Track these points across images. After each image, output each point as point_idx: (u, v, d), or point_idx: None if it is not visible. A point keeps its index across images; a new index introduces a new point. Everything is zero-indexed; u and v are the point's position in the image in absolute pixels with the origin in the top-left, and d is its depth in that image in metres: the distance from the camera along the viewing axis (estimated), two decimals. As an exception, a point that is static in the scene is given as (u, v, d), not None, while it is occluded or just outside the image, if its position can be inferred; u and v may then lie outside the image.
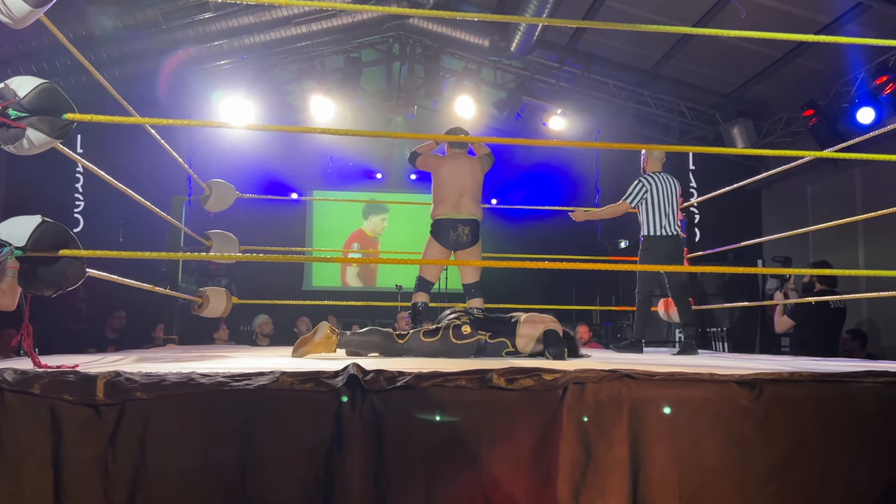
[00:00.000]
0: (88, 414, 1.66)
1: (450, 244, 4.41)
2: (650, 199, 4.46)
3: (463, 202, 4.41)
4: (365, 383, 1.73)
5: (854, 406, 1.90)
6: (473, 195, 4.46)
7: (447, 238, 4.39)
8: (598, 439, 1.78)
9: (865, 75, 6.64)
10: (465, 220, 4.39)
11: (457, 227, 4.38)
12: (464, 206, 4.40)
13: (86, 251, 2.06)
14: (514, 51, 7.89)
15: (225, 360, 2.67)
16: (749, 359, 3.70)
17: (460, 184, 4.43)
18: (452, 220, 4.39)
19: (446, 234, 4.39)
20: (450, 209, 4.41)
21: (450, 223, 4.39)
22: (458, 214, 4.39)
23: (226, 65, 8.01)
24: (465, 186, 4.43)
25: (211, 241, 4.97)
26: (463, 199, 4.41)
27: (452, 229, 4.38)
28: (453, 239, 4.38)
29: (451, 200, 4.41)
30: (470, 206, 4.42)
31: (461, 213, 4.39)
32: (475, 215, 4.43)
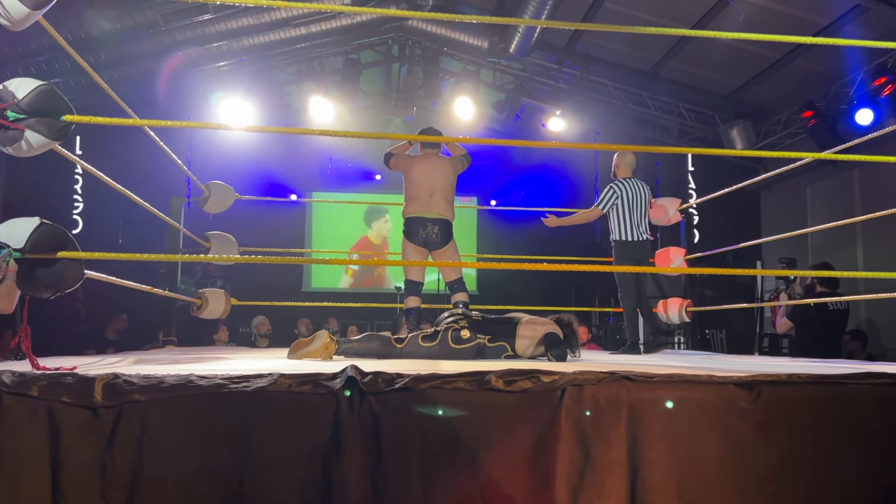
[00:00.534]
0: (86, 416, 1.66)
1: (419, 242, 4.38)
2: (620, 205, 4.67)
3: (433, 202, 4.37)
4: (363, 385, 1.73)
5: (852, 408, 1.90)
6: (444, 195, 4.42)
7: (417, 236, 4.37)
8: (597, 441, 1.78)
9: (864, 77, 6.65)
10: (435, 219, 4.36)
11: (426, 226, 4.35)
12: (434, 206, 4.37)
13: (84, 253, 2.06)
14: (513, 52, 7.90)
15: (223, 362, 2.67)
16: (746, 360, 3.70)
17: (430, 183, 4.40)
18: (422, 218, 4.36)
19: (416, 233, 4.37)
20: (419, 208, 4.38)
21: (419, 221, 4.36)
22: (428, 213, 4.36)
23: (225, 66, 8.01)
24: (436, 186, 4.40)
25: (210, 243, 4.97)
26: (433, 198, 4.38)
27: (422, 227, 4.35)
28: (422, 237, 4.35)
29: (421, 199, 4.38)
30: (440, 206, 4.38)
31: (431, 213, 4.36)
32: (445, 215, 4.39)
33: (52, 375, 1.71)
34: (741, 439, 1.82)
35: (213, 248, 4.95)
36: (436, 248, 4.39)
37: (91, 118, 2.13)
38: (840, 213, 7.34)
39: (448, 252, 4.42)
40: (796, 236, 7.45)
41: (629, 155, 5.02)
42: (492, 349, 3.17)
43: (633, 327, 4.76)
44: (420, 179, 4.41)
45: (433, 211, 4.36)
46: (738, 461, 1.80)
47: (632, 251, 4.68)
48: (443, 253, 4.40)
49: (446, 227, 4.38)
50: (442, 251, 4.40)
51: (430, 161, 4.48)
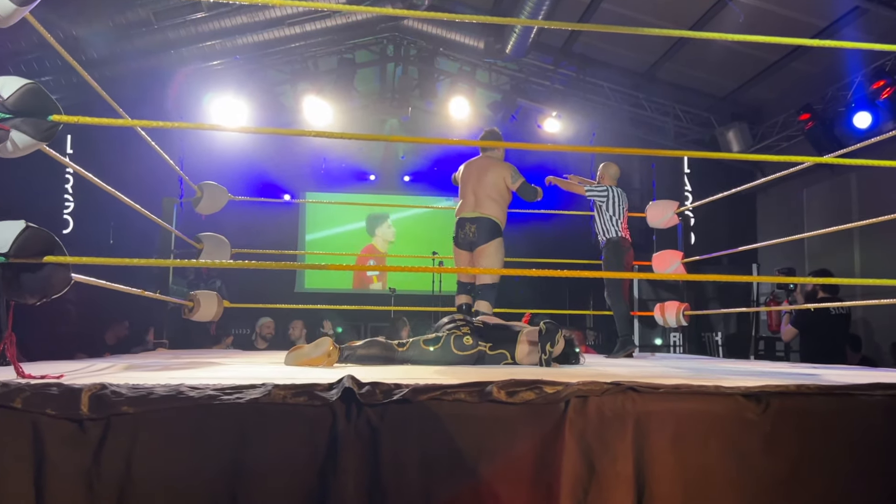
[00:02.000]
0: (72, 429, 1.59)
1: (460, 243, 4.35)
2: (610, 205, 4.87)
3: (473, 202, 4.31)
4: (360, 397, 1.67)
5: (863, 419, 1.85)
6: (488, 193, 4.30)
7: (457, 237, 4.36)
8: (602, 454, 1.72)
9: (862, 79, 6.62)
10: (474, 217, 4.27)
11: (465, 226, 4.29)
12: (473, 205, 4.30)
13: (72, 258, 1.99)
14: (509, 53, 7.85)
15: (215, 369, 2.60)
16: (747, 366, 3.65)
17: (474, 182, 4.35)
18: (462, 219, 4.34)
19: (457, 234, 4.37)
20: (463, 208, 4.36)
21: (460, 222, 4.35)
22: (468, 213, 4.31)
23: (218, 65, 7.93)
24: (480, 184, 4.32)
25: (202, 244, 4.89)
26: (476, 197, 4.32)
27: (461, 228, 4.32)
28: (462, 237, 4.31)
29: (466, 200, 4.36)
30: (482, 204, 4.28)
31: (471, 212, 4.30)
32: (486, 213, 4.26)
33: (36, 386, 1.64)
34: (749, 452, 1.77)
35: (206, 249, 4.87)
36: (474, 247, 4.27)
37: (79, 118, 2.06)
38: (837, 216, 7.31)
39: (487, 250, 4.25)
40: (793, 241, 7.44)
41: (613, 166, 5.15)
42: (492, 357, 3.13)
43: (625, 324, 4.81)
44: (466, 179, 4.41)
45: (472, 210, 4.30)
46: (746, 475, 1.75)
47: (620, 249, 4.86)
48: (482, 251, 4.24)
49: (484, 224, 4.24)
50: (481, 249, 4.24)
51: (478, 162, 4.47)
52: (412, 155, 11.63)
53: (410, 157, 11.72)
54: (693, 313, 5.39)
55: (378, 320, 9.10)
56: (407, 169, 11.94)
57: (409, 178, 11.98)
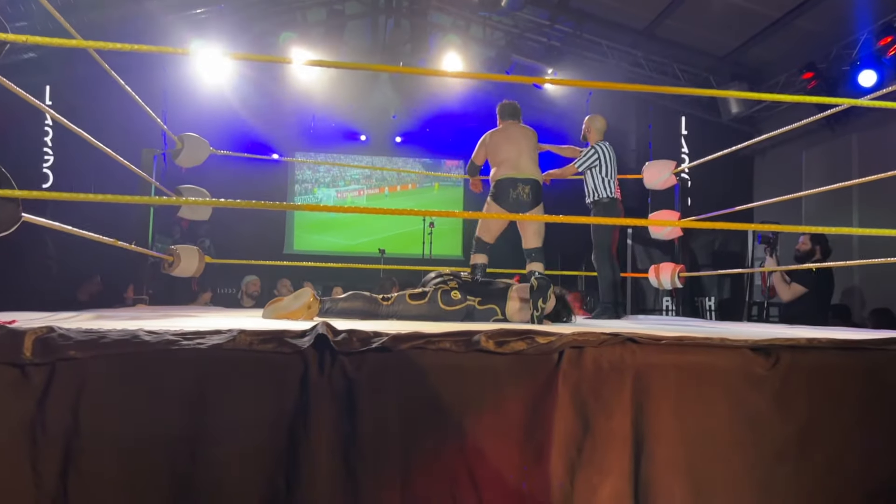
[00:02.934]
0: (14, 374, 1.44)
1: (509, 205, 4.20)
2: (600, 167, 4.75)
3: (522, 162, 4.22)
4: (335, 344, 1.52)
5: (879, 375, 1.72)
6: (532, 157, 4.29)
7: (506, 198, 4.19)
8: (598, 410, 1.59)
9: (869, 36, 6.41)
10: (526, 178, 4.19)
11: (517, 186, 4.17)
12: (523, 167, 4.21)
13: (21, 192, 1.81)
14: (504, 6, 7.58)
15: (185, 320, 2.44)
16: (744, 327, 3.53)
17: (518, 146, 4.27)
18: (512, 178, 4.19)
19: (506, 195, 4.19)
20: (509, 169, 4.22)
21: (509, 182, 4.19)
22: (519, 174, 4.19)
23: (202, 13, 7.64)
24: (523, 148, 4.26)
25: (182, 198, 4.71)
26: (521, 159, 4.23)
27: (512, 188, 4.18)
28: (513, 198, 4.17)
29: (510, 161, 4.24)
30: (530, 167, 4.23)
31: (522, 173, 4.19)
32: (536, 176, 4.24)
33: (-25, 329, 1.48)
34: (757, 410, 1.64)
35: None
36: (525, 209, 4.20)
37: (28, 37, 1.86)
38: (836, 178, 7.15)
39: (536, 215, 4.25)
40: (790, 202, 7.30)
41: (599, 119, 4.97)
42: (481, 312, 3.00)
43: (608, 288, 4.67)
44: (507, 144, 4.28)
45: (524, 171, 4.19)
46: (752, 435, 1.63)
47: (611, 209, 4.73)
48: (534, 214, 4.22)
49: (536, 187, 4.21)
50: (530, 213, 4.18)
51: (513, 128, 4.39)
52: (404, 115, 11.37)
53: (402, 117, 11.46)
54: (688, 275, 5.28)
55: (367, 281, 8.95)
56: (398, 129, 11.69)
57: (400, 139, 11.74)
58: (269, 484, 1.48)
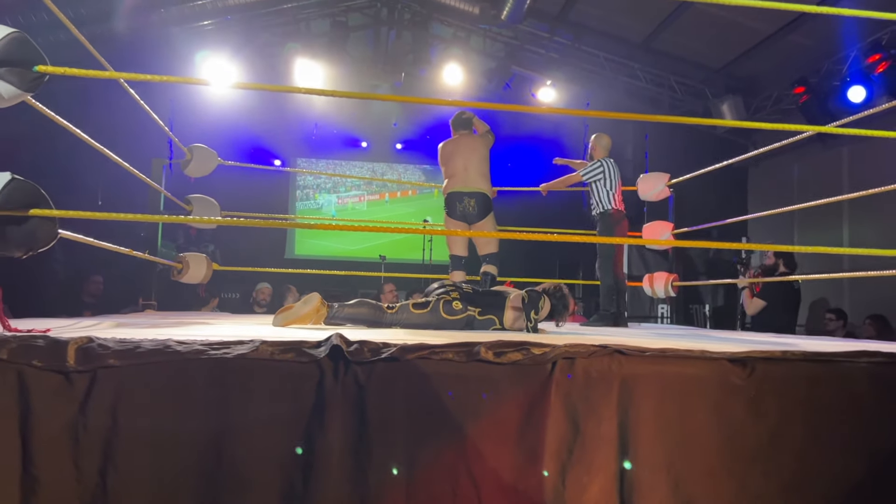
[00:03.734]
0: (58, 381, 1.59)
1: (458, 216, 4.57)
2: (605, 180, 4.91)
3: (469, 176, 4.57)
4: (348, 354, 1.67)
5: (845, 385, 1.87)
6: (479, 170, 4.62)
7: (454, 211, 4.56)
8: (587, 415, 1.74)
9: (858, 53, 6.58)
10: (472, 192, 4.55)
11: (462, 199, 4.55)
12: (470, 180, 4.57)
13: (58, 211, 1.97)
14: (504, 19, 7.75)
15: (203, 328, 2.60)
16: (735, 336, 3.69)
17: (464, 159, 4.61)
18: (459, 192, 4.56)
19: (453, 208, 4.56)
20: (457, 183, 4.58)
21: (456, 196, 4.56)
22: (465, 187, 4.56)
23: (209, 25, 7.80)
24: (469, 161, 4.60)
25: (191, 206, 4.87)
26: (468, 173, 4.58)
27: (459, 202, 4.55)
28: (460, 211, 4.54)
29: (457, 176, 4.59)
30: (476, 180, 4.58)
31: (468, 187, 4.56)
32: (481, 188, 4.59)
33: (22, 338, 1.63)
34: (733, 416, 1.78)
35: (195, 211, 4.85)
36: (474, 220, 4.57)
37: (65, 69, 2.02)
38: (828, 190, 7.32)
39: (486, 225, 4.60)
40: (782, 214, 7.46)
41: (605, 137, 5.19)
42: (481, 322, 3.15)
43: (608, 296, 4.85)
44: (455, 157, 4.63)
45: (469, 185, 4.56)
46: (729, 438, 1.77)
47: (615, 221, 4.90)
48: (482, 226, 4.59)
49: (482, 199, 4.57)
50: (480, 224, 4.58)
51: (462, 140, 4.73)
52: (404, 123, 11.54)
53: (403, 124, 11.63)
54: (682, 284, 5.43)
55: (368, 287, 9.10)
56: (399, 136, 11.86)
57: (401, 146, 11.91)
58: (287, 481, 1.63)
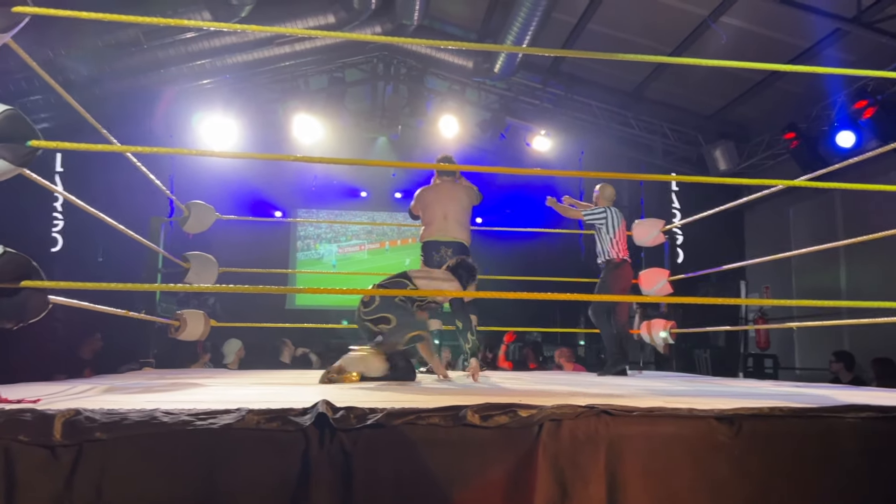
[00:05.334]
0: (44, 455, 1.59)
1: (434, 265, 4.39)
2: (607, 228, 4.92)
3: (447, 225, 4.48)
4: (334, 422, 1.68)
5: (834, 442, 1.86)
6: (458, 219, 4.53)
7: (431, 259, 4.43)
8: (575, 478, 1.73)
9: (845, 99, 6.70)
10: (449, 241, 4.45)
11: (440, 249, 4.43)
12: (448, 230, 4.48)
13: (49, 283, 2.00)
14: (497, 72, 7.93)
15: (195, 391, 2.60)
16: (732, 385, 3.67)
17: (443, 208, 4.52)
18: (436, 241, 4.46)
19: (430, 257, 4.44)
20: (434, 232, 4.49)
21: (433, 245, 4.46)
22: (442, 237, 4.47)
23: (209, 84, 7.97)
24: (449, 210, 4.51)
25: (189, 263, 4.90)
26: (447, 221, 4.48)
27: (435, 251, 4.44)
28: (437, 260, 4.39)
29: (435, 224, 4.49)
30: (454, 229, 4.49)
31: (445, 236, 4.46)
32: (459, 238, 4.48)
33: (10, 412, 1.64)
34: (720, 476, 1.78)
35: (193, 269, 4.88)
36: None
37: (58, 143, 2.08)
38: (823, 233, 7.37)
39: None
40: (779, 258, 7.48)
41: (609, 188, 5.22)
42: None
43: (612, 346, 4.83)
44: (434, 205, 4.55)
45: (447, 234, 4.48)
46: (715, 498, 1.76)
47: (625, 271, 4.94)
48: None
49: (460, 248, 4.47)
50: None
51: (443, 187, 4.64)
52: (403, 172, 11.68)
53: (401, 174, 11.77)
54: (680, 331, 5.41)
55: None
56: (398, 186, 11.99)
57: (399, 194, 12.03)
58: (274, 550, 1.62)
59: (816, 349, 7.45)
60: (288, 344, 6.90)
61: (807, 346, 8.16)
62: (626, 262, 4.95)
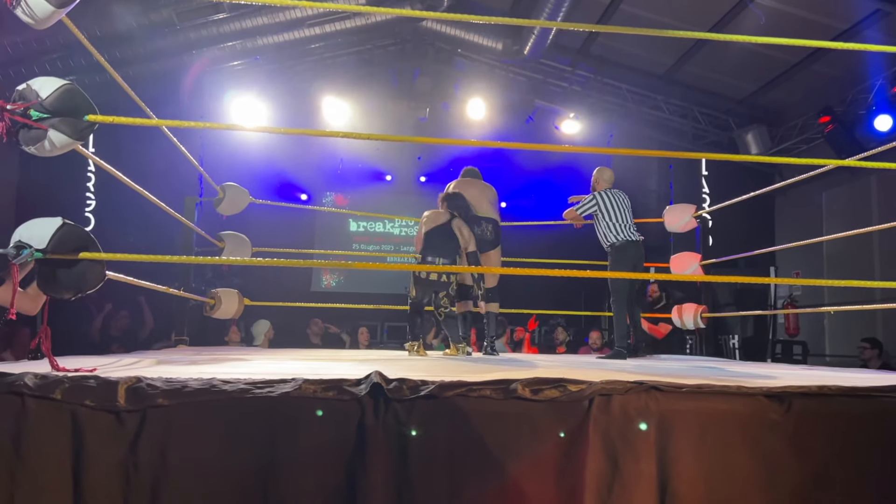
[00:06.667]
0: (110, 420, 1.64)
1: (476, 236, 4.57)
2: (603, 213, 4.71)
3: (483, 205, 4.68)
4: (388, 392, 1.71)
5: (885, 421, 1.86)
6: (492, 203, 4.76)
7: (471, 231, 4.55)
8: (625, 453, 1.74)
9: (884, 82, 6.58)
10: (489, 217, 4.64)
11: (480, 223, 4.59)
12: (485, 208, 4.68)
13: (106, 254, 2.04)
14: (526, 54, 7.87)
15: (242, 364, 2.65)
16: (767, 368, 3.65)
17: (480, 192, 4.75)
18: (476, 216, 4.62)
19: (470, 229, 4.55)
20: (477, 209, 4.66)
21: (473, 219, 4.60)
22: (481, 212, 4.64)
23: (239, 65, 8.01)
24: (486, 195, 4.76)
25: (223, 243, 4.96)
26: (483, 202, 4.69)
27: (476, 225, 4.57)
28: (478, 233, 4.55)
29: (474, 202, 4.66)
30: (491, 209, 4.70)
31: (485, 212, 4.65)
32: (496, 217, 4.71)
33: (74, 378, 1.69)
34: (773, 453, 1.78)
35: (227, 248, 4.94)
36: (487, 248, 4.61)
37: (114, 118, 2.11)
38: (857, 219, 7.26)
39: (495, 256, 4.67)
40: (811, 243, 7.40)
41: (607, 171, 5.04)
42: None
43: (623, 333, 4.65)
44: (474, 191, 4.74)
45: (485, 211, 4.66)
46: (769, 475, 1.77)
47: (629, 252, 4.63)
48: (491, 256, 4.63)
49: (497, 227, 4.67)
50: (491, 254, 4.63)
51: (478, 181, 4.91)
52: (429, 156, 11.66)
53: (427, 157, 11.75)
54: (710, 315, 5.38)
55: (394, 320, 9.13)
56: (423, 170, 11.97)
57: (424, 178, 12.01)
58: (330, 516, 1.66)
59: (847, 336, 7.37)
60: (319, 324, 6.96)
61: (838, 333, 8.07)
62: (630, 242, 4.64)
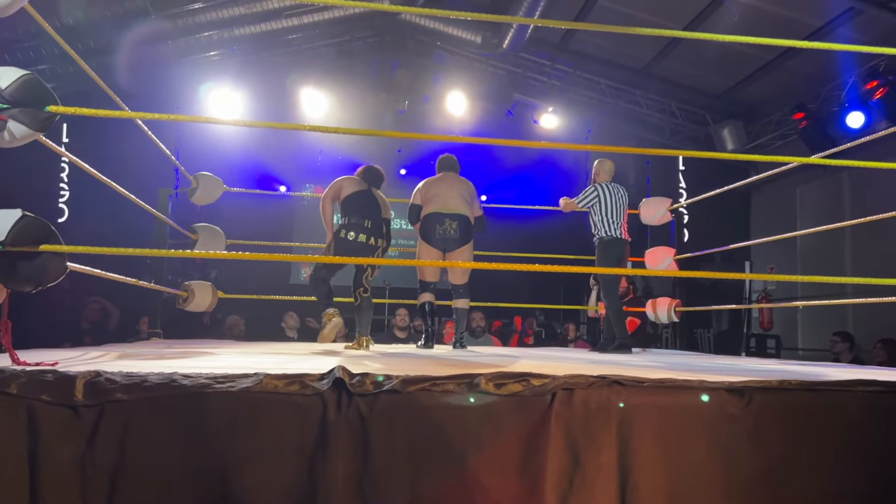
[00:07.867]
0: (67, 415, 1.62)
1: (436, 241, 4.14)
2: (601, 206, 4.71)
3: (451, 200, 4.18)
4: (351, 386, 1.70)
5: (843, 415, 1.89)
6: (463, 196, 4.25)
7: (433, 234, 4.12)
8: (587, 446, 1.76)
9: (856, 79, 6.66)
10: (454, 214, 4.13)
11: (443, 221, 4.11)
12: (452, 204, 4.17)
13: (67, 246, 2.01)
14: (505, 48, 7.87)
15: (208, 358, 2.63)
16: (735, 362, 3.70)
17: (450, 187, 4.27)
18: (439, 213, 4.13)
19: (432, 230, 4.12)
20: (437, 205, 4.17)
21: (436, 217, 4.13)
22: (446, 209, 4.14)
23: (215, 56, 7.93)
24: (455, 189, 4.25)
25: (197, 235, 4.92)
26: (451, 197, 4.20)
27: (439, 223, 4.11)
28: (439, 234, 4.11)
29: (439, 197, 4.20)
30: (459, 204, 4.19)
31: (449, 209, 4.14)
32: (464, 212, 4.18)
33: (31, 372, 1.67)
34: (732, 445, 1.80)
35: (201, 240, 4.90)
36: (454, 246, 4.14)
37: (76, 109, 2.08)
38: (829, 214, 7.37)
39: (466, 252, 4.18)
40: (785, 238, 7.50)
41: (608, 163, 5.05)
42: None
43: (622, 326, 4.76)
44: (439, 186, 4.27)
45: (451, 207, 4.14)
46: (728, 467, 1.79)
47: (615, 249, 4.70)
48: (459, 254, 4.15)
49: (465, 223, 4.14)
50: (459, 252, 4.15)
51: (450, 175, 4.40)
52: (409, 149, 11.63)
53: (407, 150, 11.72)
54: (684, 309, 5.44)
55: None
56: (403, 162, 11.95)
57: (404, 171, 11.99)
58: (291, 511, 1.65)
59: (819, 330, 7.48)
60: (294, 317, 6.92)
61: (810, 327, 8.19)
62: (621, 240, 4.70)
